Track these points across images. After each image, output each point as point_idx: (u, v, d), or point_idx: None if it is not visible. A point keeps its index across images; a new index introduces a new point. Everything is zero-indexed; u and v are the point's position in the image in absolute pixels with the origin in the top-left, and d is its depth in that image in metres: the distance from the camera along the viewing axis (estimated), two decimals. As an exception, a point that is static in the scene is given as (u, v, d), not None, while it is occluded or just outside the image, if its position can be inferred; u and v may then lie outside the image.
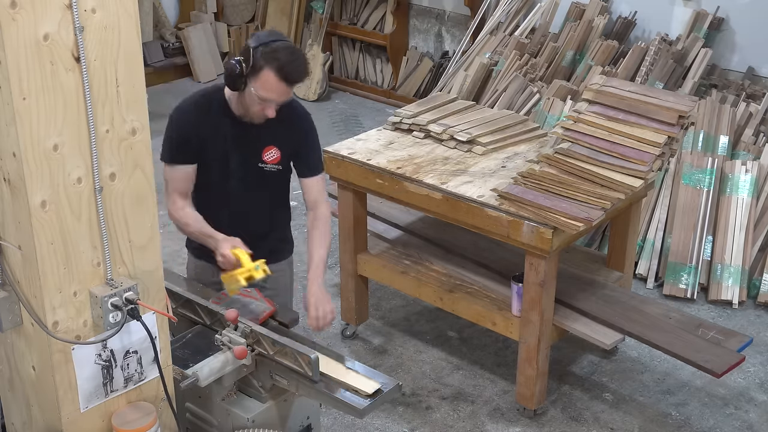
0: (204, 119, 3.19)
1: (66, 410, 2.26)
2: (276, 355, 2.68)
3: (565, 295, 3.88)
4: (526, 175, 3.68)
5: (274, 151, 3.24)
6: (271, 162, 3.25)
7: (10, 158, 2.04)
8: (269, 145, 3.23)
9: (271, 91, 3.01)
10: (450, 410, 4.03)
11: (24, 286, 2.18)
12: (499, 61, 6.20)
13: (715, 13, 5.81)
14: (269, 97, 3.03)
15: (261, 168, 3.25)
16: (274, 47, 3.00)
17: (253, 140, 3.21)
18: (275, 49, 3.00)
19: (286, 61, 2.98)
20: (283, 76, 2.99)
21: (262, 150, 3.23)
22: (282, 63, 2.98)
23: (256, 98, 3.04)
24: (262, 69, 2.99)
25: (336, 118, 7.40)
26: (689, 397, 4.12)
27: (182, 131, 3.21)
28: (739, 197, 4.94)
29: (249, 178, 3.25)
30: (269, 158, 3.24)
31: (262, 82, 3.00)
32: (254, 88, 3.02)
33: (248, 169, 3.24)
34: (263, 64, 2.98)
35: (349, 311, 4.44)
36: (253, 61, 3.00)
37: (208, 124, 3.18)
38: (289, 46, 3.05)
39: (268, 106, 3.07)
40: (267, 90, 3.01)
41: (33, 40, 1.96)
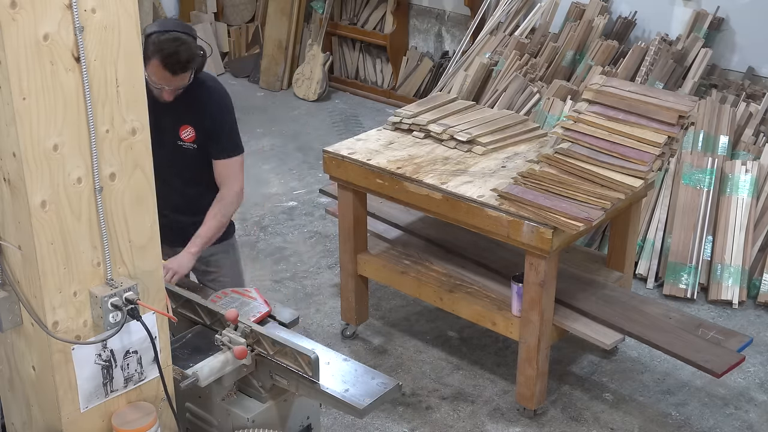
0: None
1: (66, 410, 2.26)
2: (276, 355, 2.68)
3: (565, 295, 3.88)
4: (526, 175, 3.68)
5: (189, 130, 3.42)
6: (188, 140, 3.42)
7: (10, 158, 2.04)
8: (185, 123, 3.41)
9: (159, 78, 3.21)
10: (450, 410, 4.03)
11: (24, 286, 2.18)
12: (499, 61, 6.20)
13: (715, 13, 5.81)
14: (159, 84, 3.23)
15: (179, 146, 3.43)
16: (160, 37, 3.18)
17: (172, 119, 3.38)
18: (161, 39, 3.18)
19: (169, 51, 3.17)
20: (166, 65, 3.18)
21: (179, 128, 3.41)
22: (165, 53, 3.16)
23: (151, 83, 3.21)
24: (150, 58, 3.18)
25: (336, 118, 7.40)
26: (689, 397, 4.12)
27: None
28: (739, 197, 4.94)
29: (171, 155, 3.38)
30: (186, 136, 3.42)
31: (151, 70, 3.20)
32: (147, 75, 3.17)
33: (169, 146, 3.39)
34: (150, 53, 3.17)
35: (349, 311, 4.44)
36: (144, 49, 3.17)
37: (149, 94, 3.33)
38: (176, 37, 3.20)
39: (163, 91, 3.27)
40: (156, 77, 3.21)
41: (33, 40, 1.96)
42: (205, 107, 3.42)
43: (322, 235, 5.53)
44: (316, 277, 5.08)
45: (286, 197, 6.04)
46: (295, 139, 6.97)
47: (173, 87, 3.28)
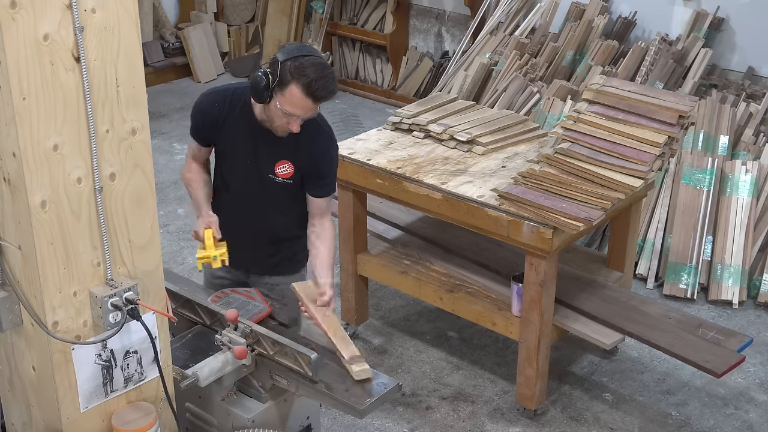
0: (228, 113, 3.17)
1: (66, 410, 2.26)
2: (276, 355, 2.68)
3: (565, 295, 3.88)
4: (526, 175, 3.68)
5: (287, 166, 3.17)
6: (283, 176, 3.18)
7: (10, 158, 2.04)
8: (284, 159, 3.16)
9: (296, 106, 2.96)
10: (450, 410, 4.03)
11: (24, 286, 2.18)
12: (499, 61, 6.20)
13: (715, 13, 5.81)
14: (294, 113, 2.98)
15: (271, 179, 3.18)
16: (303, 62, 2.93)
17: (269, 150, 3.16)
18: (304, 64, 2.93)
19: (315, 77, 2.92)
20: (310, 92, 2.93)
21: (276, 162, 3.16)
22: (310, 79, 2.91)
23: (281, 112, 2.99)
24: (289, 84, 2.93)
25: (336, 118, 7.40)
26: (689, 397, 4.12)
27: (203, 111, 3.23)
28: (739, 197, 4.94)
29: (256, 185, 3.20)
30: (281, 172, 3.17)
31: (288, 97, 2.94)
32: (280, 102, 2.97)
33: (258, 177, 3.19)
34: (290, 78, 2.92)
35: (349, 311, 4.44)
36: (281, 74, 2.94)
37: (230, 119, 3.17)
38: (320, 62, 2.97)
39: (293, 121, 3.01)
40: (292, 105, 2.96)
41: (33, 40, 1.96)
42: (315, 143, 3.16)
43: (322, 235, 5.52)
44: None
45: (286, 197, 6.03)
46: (295, 139, 6.96)
47: (307, 116, 3.02)
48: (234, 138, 3.17)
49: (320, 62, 2.97)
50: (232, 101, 3.18)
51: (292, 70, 2.92)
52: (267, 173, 3.17)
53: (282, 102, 2.96)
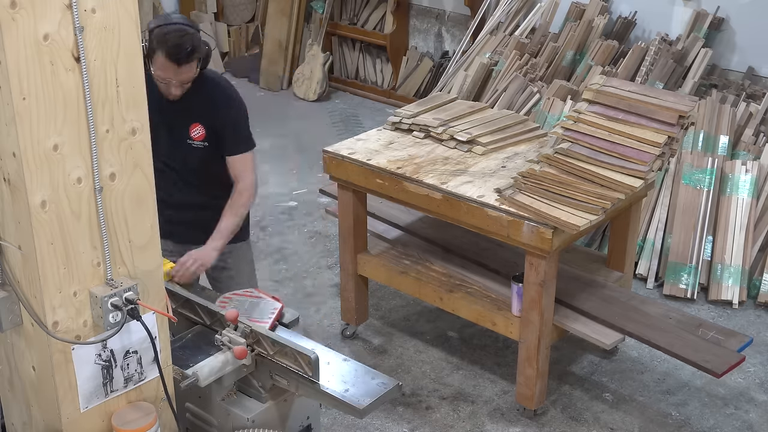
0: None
1: (66, 410, 2.26)
2: (276, 355, 2.68)
3: (565, 295, 3.88)
4: (526, 175, 3.68)
5: (199, 128, 3.41)
6: (197, 138, 3.42)
7: (10, 158, 2.04)
8: (194, 122, 3.40)
9: (164, 71, 3.21)
10: (450, 410, 4.03)
11: (24, 286, 2.18)
12: (499, 61, 6.20)
13: (715, 13, 5.81)
14: (165, 77, 3.23)
15: (189, 144, 3.43)
16: (163, 30, 3.19)
17: (180, 117, 3.39)
18: (164, 31, 3.19)
19: (173, 42, 3.16)
20: (171, 57, 3.17)
21: (189, 127, 3.41)
22: (170, 44, 3.16)
23: (158, 78, 3.23)
24: (154, 52, 3.19)
25: (336, 118, 7.40)
26: (689, 397, 4.12)
27: None
28: (739, 197, 4.94)
29: (181, 154, 3.42)
30: (195, 135, 3.42)
31: (157, 65, 3.21)
32: (153, 69, 3.21)
33: (178, 145, 3.41)
34: (154, 47, 3.18)
35: (349, 311, 4.44)
36: (149, 44, 3.18)
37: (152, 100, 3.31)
38: (179, 28, 3.21)
39: (170, 85, 3.26)
40: (161, 71, 3.21)
41: (33, 40, 1.96)
42: (213, 104, 3.41)
43: (322, 235, 5.53)
44: (316, 277, 5.08)
45: (286, 197, 6.04)
46: (295, 139, 6.97)
47: (180, 80, 3.26)
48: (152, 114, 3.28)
49: (180, 28, 3.22)
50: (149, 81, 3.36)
51: (155, 38, 3.19)
52: (185, 139, 3.42)
53: (154, 69, 3.21)
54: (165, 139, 3.35)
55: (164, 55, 3.17)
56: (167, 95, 3.32)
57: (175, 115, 3.37)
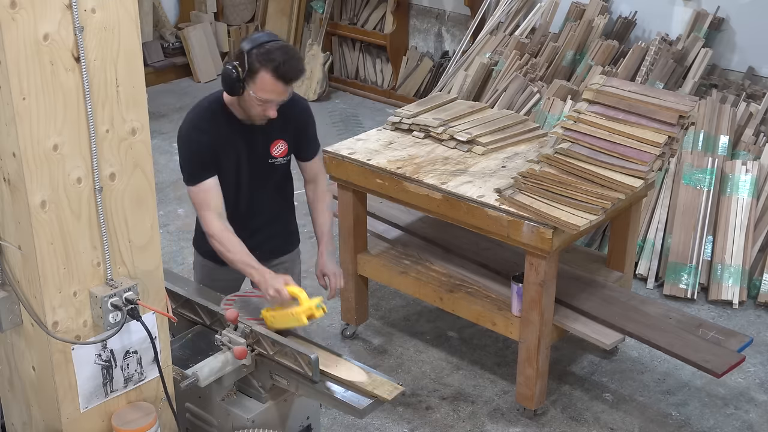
0: (215, 130, 3.20)
1: (66, 410, 2.26)
2: (276, 355, 2.68)
3: (565, 295, 3.88)
4: (526, 175, 3.68)
5: (281, 144, 3.30)
6: (280, 155, 3.31)
7: (10, 158, 2.04)
8: (276, 139, 3.28)
9: (269, 91, 3.04)
10: (450, 410, 4.03)
11: (24, 286, 2.18)
12: (499, 61, 6.20)
13: (716, 13, 5.81)
14: (268, 98, 3.05)
15: (271, 164, 3.30)
16: (267, 48, 3.02)
17: (261, 139, 3.25)
18: (269, 49, 3.02)
19: (281, 60, 3.00)
20: (279, 75, 3.01)
21: (270, 145, 3.28)
22: (277, 63, 3.00)
23: (256, 100, 3.06)
24: (258, 71, 3.01)
25: (336, 118, 7.40)
26: (689, 397, 4.12)
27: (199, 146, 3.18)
28: (740, 197, 4.94)
29: (260, 176, 3.30)
30: (277, 152, 3.30)
31: (259, 84, 3.02)
32: (253, 91, 3.04)
33: (260, 167, 3.29)
34: (259, 66, 3.00)
35: (349, 311, 4.44)
36: (249, 64, 3.02)
37: (219, 134, 3.19)
38: (283, 46, 3.07)
39: (269, 107, 3.09)
40: (265, 91, 3.03)
41: (33, 40, 1.96)
42: (295, 115, 3.30)
43: (322, 235, 5.52)
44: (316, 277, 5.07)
45: (286, 197, 6.03)
46: (295, 139, 6.97)
47: (281, 99, 3.09)
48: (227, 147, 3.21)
49: (284, 45, 3.08)
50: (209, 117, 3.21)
51: (259, 57, 3.01)
52: (266, 159, 3.29)
53: (255, 90, 3.04)
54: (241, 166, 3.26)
55: (274, 74, 3.00)
56: (259, 119, 3.14)
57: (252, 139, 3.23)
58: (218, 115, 3.20)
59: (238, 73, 3.03)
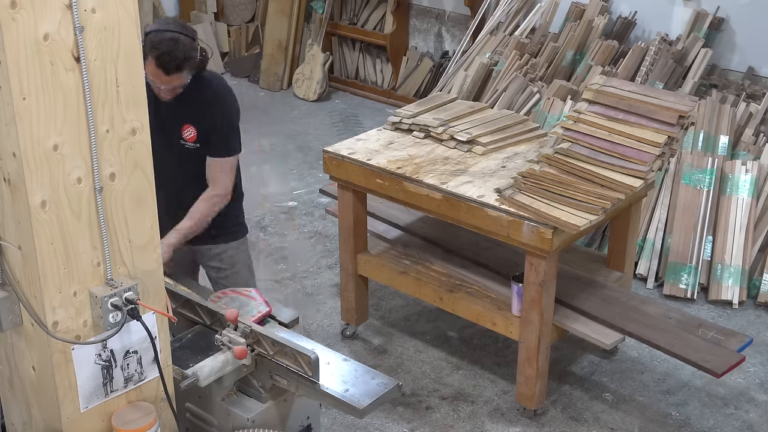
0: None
1: (66, 410, 2.26)
2: (276, 355, 2.68)
3: (565, 295, 3.88)
4: (526, 175, 3.68)
5: (191, 130, 3.43)
6: (189, 140, 3.44)
7: (10, 158, 2.04)
8: (186, 123, 3.42)
9: (154, 77, 3.24)
10: (450, 410, 4.03)
11: (24, 286, 2.18)
12: (499, 61, 6.20)
13: (715, 13, 5.81)
14: (154, 82, 3.25)
15: (182, 145, 3.44)
16: (156, 37, 3.21)
17: (173, 118, 3.41)
18: (157, 39, 3.21)
19: (163, 50, 3.18)
20: (160, 64, 3.21)
21: (181, 127, 3.43)
22: (159, 52, 3.19)
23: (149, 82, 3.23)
24: (147, 57, 3.19)
25: (336, 118, 7.40)
26: (689, 397, 4.12)
27: None
28: (739, 197, 4.94)
29: (174, 154, 3.42)
30: (187, 136, 3.44)
31: (148, 69, 3.21)
32: (145, 73, 3.18)
33: (172, 146, 3.41)
34: (147, 52, 3.19)
35: (349, 311, 4.44)
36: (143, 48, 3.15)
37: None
38: (172, 37, 3.22)
39: (159, 90, 3.30)
40: (151, 75, 3.23)
41: (33, 40, 1.96)
42: (204, 105, 3.43)
43: (322, 235, 5.53)
44: (316, 277, 5.08)
45: (286, 197, 6.04)
46: (295, 139, 6.97)
47: (169, 86, 3.30)
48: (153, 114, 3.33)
49: (173, 37, 3.22)
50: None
51: (148, 44, 3.21)
52: (178, 140, 3.44)
53: (146, 73, 3.20)
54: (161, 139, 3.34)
55: (155, 63, 3.21)
56: (162, 98, 3.36)
57: (168, 116, 3.39)
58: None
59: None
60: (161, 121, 3.34)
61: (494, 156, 4.05)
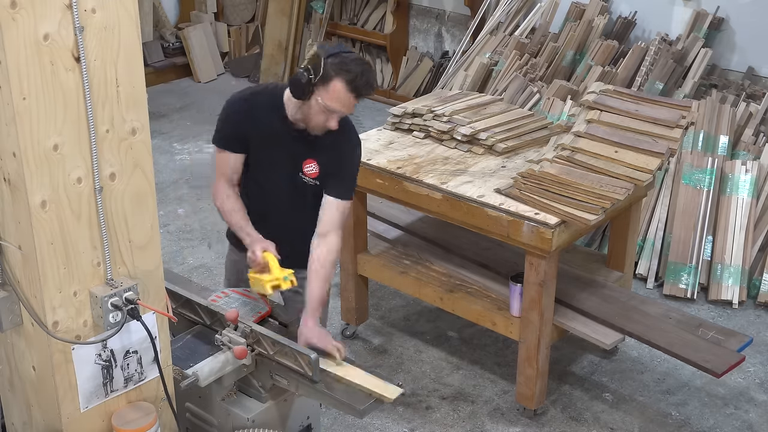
0: (259, 114, 3.16)
1: (66, 410, 2.26)
2: (276, 355, 2.68)
3: (565, 295, 3.88)
4: (526, 175, 3.68)
5: (313, 165, 3.18)
6: (309, 175, 3.19)
7: (10, 158, 2.04)
8: (310, 158, 3.17)
9: (338, 101, 2.99)
10: (450, 410, 4.03)
11: (24, 286, 2.18)
12: (499, 61, 6.20)
13: (715, 13, 5.81)
14: (335, 108, 3.00)
15: (301, 179, 3.19)
16: (345, 58, 2.99)
17: (299, 149, 3.17)
18: (347, 60, 2.99)
19: (357, 73, 2.97)
20: (353, 88, 2.97)
21: (303, 161, 3.18)
22: (353, 75, 2.96)
23: (322, 108, 3.01)
24: (332, 79, 2.96)
25: (336, 118, 7.39)
26: (689, 397, 4.12)
27: (234, 119, 3.19)
28: (739, 197, 4.94)
29: (288, 186, 3.21)
30: (308, 171, 3.18)
31: (330, 93, 2.97)
32: (321, 98, 2.99)
33: (289, 177, 3.20)
34: (334, 74, 2.96)
35: (349, 311, 4.44)
36: (324, 70, 2.97)
37: (261, 119, 3.16)
38: (360, 59, 3.05)
39: (332, 117, 3.04)
40: (334, 100, 2.98)
41: (33, 40, 1.96)
42: (340, 144, 3.19)
43: (322, 235, 5.52)
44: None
45: (286, 197, 6.03)
46: (295, 139, 6.96)
47: (347, 112, 3.06)
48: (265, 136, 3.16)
49: (360, 59, 3.05)
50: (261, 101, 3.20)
51: (335, 65, 2.96)
52: (296, 172, 3.19)
53: (324, 97, 2.98)
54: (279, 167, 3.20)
55: (348, 86, 2.96)
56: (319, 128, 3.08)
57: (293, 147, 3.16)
58: (271, 102, 3.16)
59: (310, 77, 2.98)
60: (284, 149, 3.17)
61: (494, 156, 4.04)
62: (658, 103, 4.04)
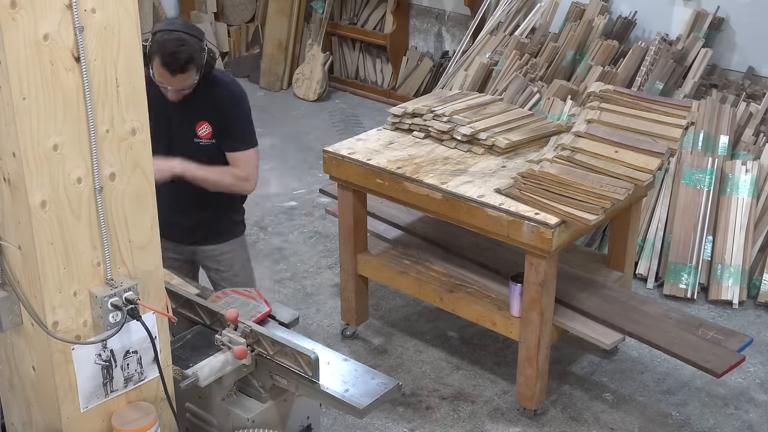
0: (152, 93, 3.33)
1: (66, 410, 2.26)
2: (276, 355, 2.68)
3: (565, 295, 3.88)
4: (526, 175, 3.68)
5: (205, 126, 3.44)
6: (204, 137, 3.45)
7: (10, 158, 2.04)
8: (201, 120, 3.43)
9: (160, 77, 3.26)
10: (450, 410, 4.03)
11: (24, 286, 2.18)
12: (499, 61, 6.20)
13: (715, 13, 5.81)
14: (161, 82, 3.28)
15: (197, 143, 3.45)
16: (161, 36, 3.22)
17: (187, 116, 3.41)
18: (161, 38, 3.22)
19: (169, 51, 3.19)
20: (163, 63, 3.22)
21: (195, 125, 3.44)
22: (165, 52, 3.20)
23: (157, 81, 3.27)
24: (153, 56, 3.23)
25: (336, 118, 7.40)
26: (689, 397, 4.12)
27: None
28: (739, 197, 4.94)
29: (189, 153, 3.43)
30: (202, 133, 3.45)
31: (155, 69, 3.25)
32: (152, 73, 3.25)
33: (186, 144, 3.43)
34: (153, 52, 3.22)
35: (349, 311, 4.44)
36: (149, 48, 3.22)
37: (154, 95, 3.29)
38: (179, 37, 3.23)
39: (168, 91, 3.32)
40: (158, 76, 3.26)
41: (33, 40, 1.96)
42: (219, 102, 3.45)
43: (322, 235, 5.53)
44: (316, 277, 5.08)
45: (286, 197, 6.04)
46: (295, 139, 6.97)
47: (176, 87, 3.31)
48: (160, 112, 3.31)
49: (177, 36, 3.23)
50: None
51: (154, 43, 3.23)
52: (192, 137, 3.45)
53: (153, 73, 3.25)
54: (169, 138, 3.40)
55: (160, 63, 3.22)
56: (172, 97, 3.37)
57: (180, 114, 3.40)
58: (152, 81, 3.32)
59: (145, 54, 3.17)
60: (171, 119, 3.38)
61: (494, 156, 4.04)
62: (659, 103, 4.04)
